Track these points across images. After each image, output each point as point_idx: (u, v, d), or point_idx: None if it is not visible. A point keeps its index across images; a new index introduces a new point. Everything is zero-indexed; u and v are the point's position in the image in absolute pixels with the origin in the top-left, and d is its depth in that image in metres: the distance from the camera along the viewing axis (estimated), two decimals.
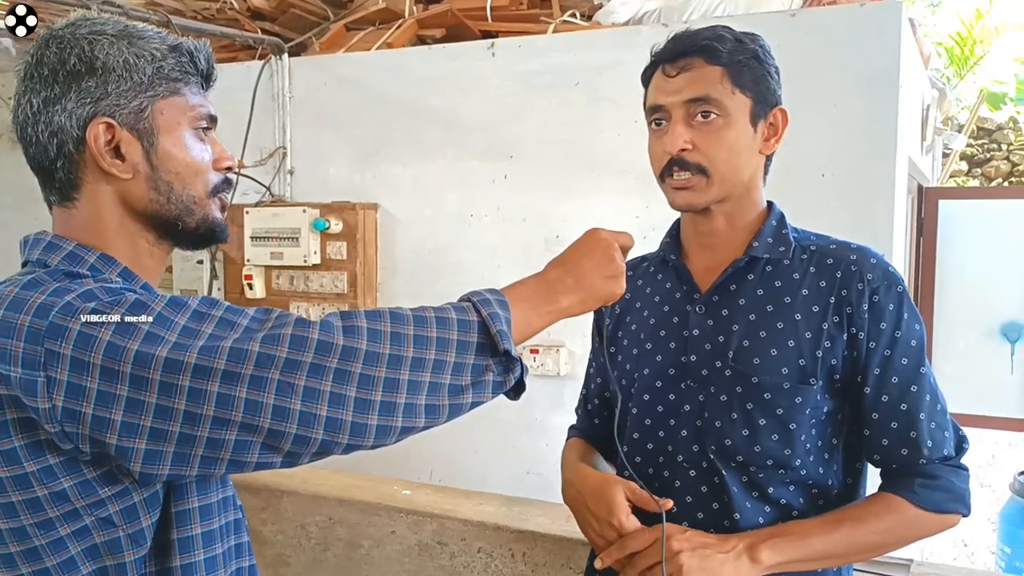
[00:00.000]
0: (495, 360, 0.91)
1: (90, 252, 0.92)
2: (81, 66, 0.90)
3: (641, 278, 1.36)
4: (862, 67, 2.27)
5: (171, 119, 0.93)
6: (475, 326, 0.89)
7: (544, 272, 1.03)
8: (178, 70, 0.94)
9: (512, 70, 2.73)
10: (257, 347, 0.79)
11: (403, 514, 1.84)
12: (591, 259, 1.03)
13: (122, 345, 0.78)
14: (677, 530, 1.14)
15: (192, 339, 0.79)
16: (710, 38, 1.17)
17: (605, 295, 1.04)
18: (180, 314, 0.81)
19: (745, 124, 1.18)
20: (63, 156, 0.92)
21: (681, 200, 1.21)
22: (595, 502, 1.20)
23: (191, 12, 3.33)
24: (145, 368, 0.78)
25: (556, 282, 1.01)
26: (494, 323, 0.89)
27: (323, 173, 3.10)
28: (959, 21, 7.84)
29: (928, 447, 1.16)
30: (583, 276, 1.02)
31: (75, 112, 0.90)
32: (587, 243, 1.05)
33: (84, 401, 0.78)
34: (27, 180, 0.96)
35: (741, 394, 1.19)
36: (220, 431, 0.78)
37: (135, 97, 0.91)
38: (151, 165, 0.93)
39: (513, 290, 0.98)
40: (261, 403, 0.78)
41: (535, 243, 2.73)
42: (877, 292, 1.18)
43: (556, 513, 1.80)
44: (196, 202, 0.96)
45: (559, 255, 1.05)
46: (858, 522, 1.15)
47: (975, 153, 7.48)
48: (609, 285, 1.04)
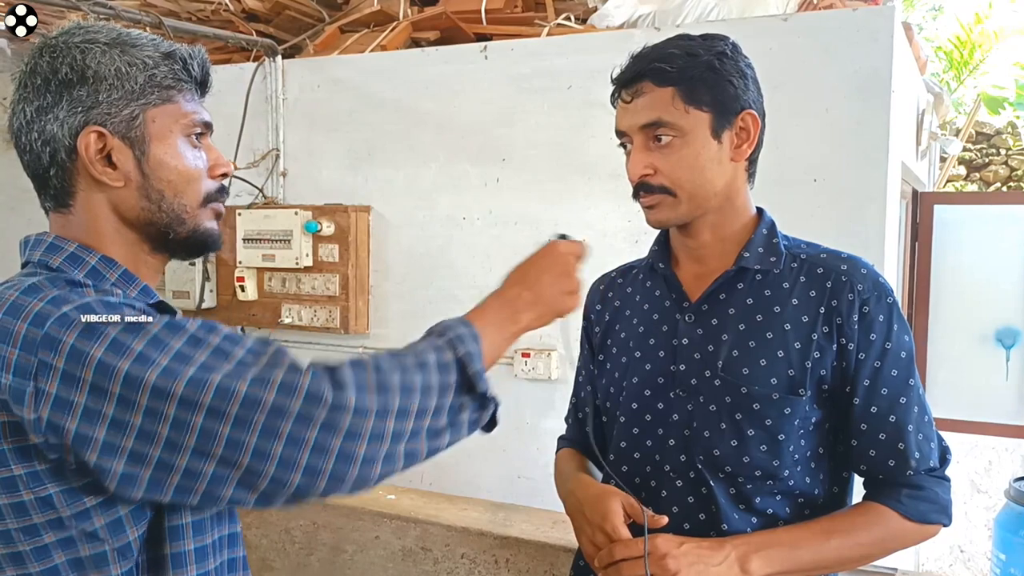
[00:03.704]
0: (470, 398, 0.91)
1: (91, 254, 0.92)
2: (73, 75, 0.90)
3: (630, 286, 1.36)
4: (855, 72, 2.26)
5: (163, 127, 0.93)
6: (453, 367, 0.89)
7: (504, 290, 1.03)
8: (171, 77, 0.94)
9: (505, 73, 2.72)
10: (245, 387, 0.78)
11: (387, 519, 1.84)
12: (550, 274, 1.03)
13: (113, 364, 0.77)
14: (672, 543, 1.11)
15: (184, 365, 0.78)
16: (658, 59, 1.16)
17: (561, 310, 1.05)
18: (176, 337, 0.80)
19: (705, 139, 1.17)
20: (56, 164, 0.92)
21: (653, 218, 1.22)
22: (591, 510, 1.19)
23: (185, 14, 3.32)
24: (133, 390, 0.77)
25: (516, 300, 1.01)
26: (471, 364, 0.90)
27: (316, 175, 3.09)
28: (958, 25, 7.83)
29: (915, 459, 1.17)
30: (542, 292, 1.02)
31: (67, 121, 0.91)
32: (546, 258, 1.05)
33: (69, 416, 0.77)
34: (21, 180, 0.97)
35: (730, 404, 1.19)
36: (199, 463, 0.77)
37: (127, 105, 0.91)
38: (143, 173, 0.93)
39: (479, 316, 0.98)
40: (243, 442, 0.77)
41: (527, 246, 2.68)
42: (867, 303, 1.17)
43: (540, 519, 1.79)
44: (187, 211, 0.96)
45: (517, 268, 1.06)
46: (847, 533, 1.15)
47: (973, 158, 7.46)
48: (566, 301, 1.05)
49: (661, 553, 1.09)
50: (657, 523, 1.13)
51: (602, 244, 2.59)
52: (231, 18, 3.26)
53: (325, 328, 2.92)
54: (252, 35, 3.18)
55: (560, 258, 1.05)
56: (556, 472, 1.40)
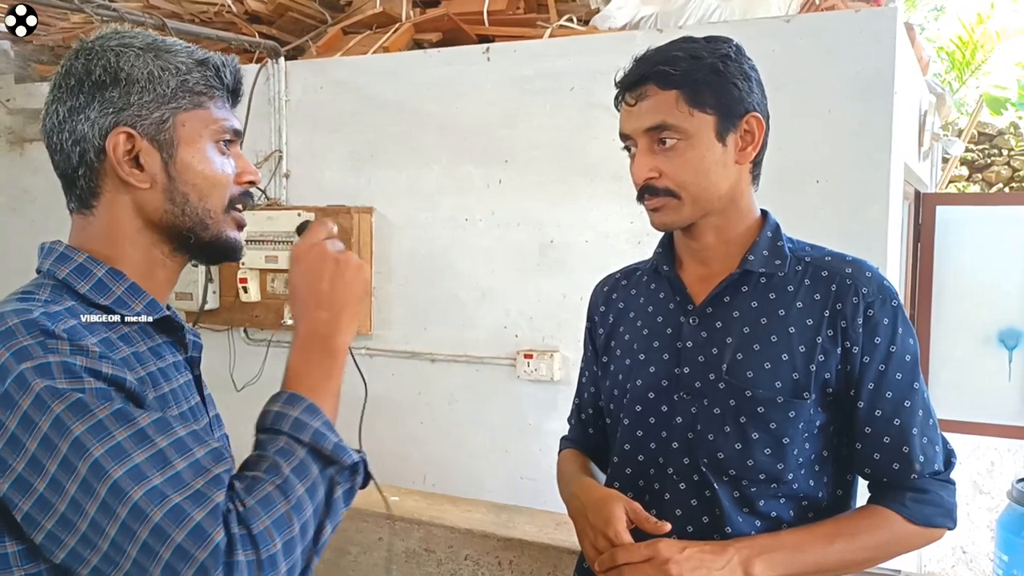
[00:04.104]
0: (337, 474, 0.87)
1: (99, 266, 0.93)
2: (106, 76, 0.92)
3: (634, 288, 1.36)
4: (857, 73, 2.26)
5: (192, 131, 0.94)
6: (310, 459, 0.85)
7: (300, 333, 0.94)
8: (203, 84, 0.95)
9: (507, 75, 2.73)
10: (159, 517, 0.75)
11: (390, 520, 1.84)
12: (319, 277, 0.96)
13: (68, 424, 0.77)
14: (674, 547, 1.11)
15: (116, 463, 0.76)
16: (662, 62, 1.16)
17: (361, 294, 0.97)
18: (122, 427, 0.78)
19: (710, 142, 1.17)
20: (84, 164, 0.94)
21: (657, 221, 1.22)
22: (594, 514, 1.18)
23: (188, 15, 3.33)
24: (77, 458, 0.77)
25: (316, 330, 0.94)
26: (323, 443, 0.85)
27: (319, 177, 3.09)
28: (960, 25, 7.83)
29: (920, 462, 1.16)
30: (332, 299, 0.95)
31: (98, 121, 0.92)
32: (304, 267, 0.97)
33: (19, 458, 0.78)
34: (22, 181, 0.98)
35: (734, 407, 1.18)
36: (116, 554, 0.77)
37: (157, 108, 0.92)
38: (169, 176, 0.94)
39: (298, 378, 0.91)
40: (157, 553, 0.76)
41: (529, 248, 2.72)
42: (872, 306, 1.17)
43: (543, 521, 1.79)
44: (211, 216, 0.96)
45: (292, 298, 0.97)
46: (851, 537, 1.15)
47: (976, 158, 7.45)
48: (357, 284, 0.97)
49: (664, 558, 1.09)
50: (660, 530, 1.13)
51: (604, 245, 2.60)
52: (234, 20, 3.27)
53: None
54: (255, 37, 3.18)
55: (315, 256, 0.97)
56: (558, 473, 1.40)
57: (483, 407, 2.82)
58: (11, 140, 3.63)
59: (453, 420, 2.85)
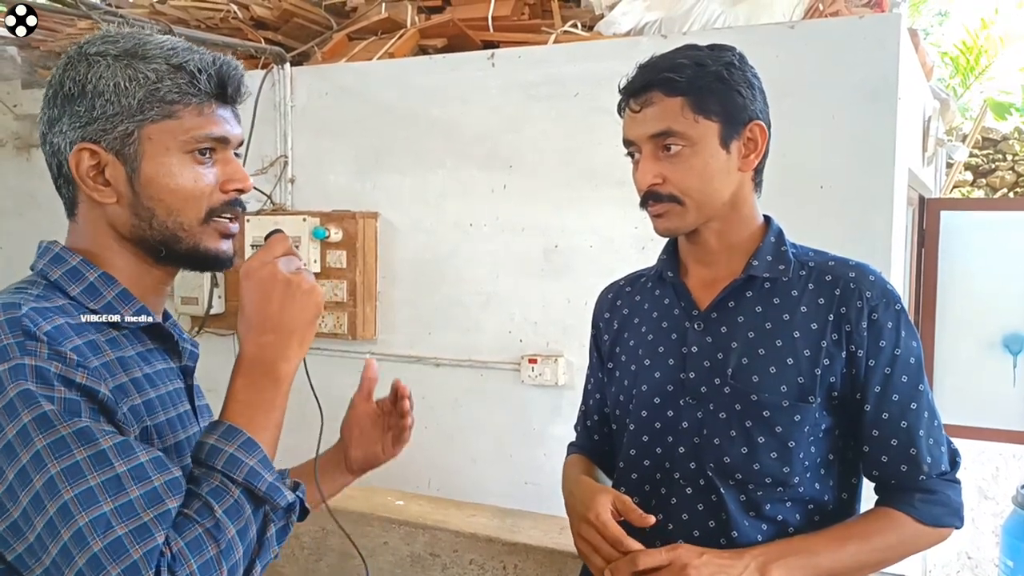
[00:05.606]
0: (269, 508, 0.85)
1: (92, 270, 0.93)
2: (74, 89, 0.91)
3: (639, 294, 1.36)
4: (861, 79, 2.26)
5: (159, 144, 0.91)
6: (243, 499, 0.82)
7: (245, 353, 0.90)
8: (175, 92, 0.91)
9: (512, 80, 2.73)
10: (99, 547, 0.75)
11: (395, 525, 1.84)
12: (270, 299, 0.90)
13: (32, 437, 0.77)
14: (693, 553, 1.12)
15: (69, 484, 0.76)
16: (667, 69, 1.17)
17: (311, 320, 0.92)
18: (83, 447, 0.78)
19: (715, 148, 1.18)
20: (62, 175, 0.94)
21: (660, 227, 1.23)
22: (581, 503, 1.20)
23: (194, 21, 3.34)
24: (35, 471, 0.77)
25: (264, 354, 0.89)
26: (257, 483, 0.83)
27: (324, 182, 3.10)
28: (964, 31, 7.82)
29: (927, 463, 1.18)
30: (279, 321, 0.89)
31: (68, 135, 0.92)
32: (254, 283, 0.91)
33: None
34: (28, 186, 0.99)
35: (740, 412, 1.19)
36: (55, 572, 0.76)
37: (122, 122, 0.90)
38: (133, 191, 0.92)
39: (240, 410, 0.87)
40: None
41: (534, 253, 2.73)
42: (876, 310, 1.18)
43: (548, 525, 1.80)
44: (184, 229, 0.94)
45: (240, 318, 0.91)
46: (864, 539, 1.16)
47: (980, 163, 7.44)
48: (305, 311, 0.91)
49: (682, 563, 1.10)
50: (645, 522, 1.13)
51: (609, 250, 2.60)
52: (240, 26, 3.28)
53: (333, 334, 2.93)
54: (261, 43, 3.19)
55: (265, 275, 0.90)
56: (563, 477, 1.41)
57: (487, 412, 2.82)
58: (18, 146, 3.65)
59: (457, 424, 2.86)
